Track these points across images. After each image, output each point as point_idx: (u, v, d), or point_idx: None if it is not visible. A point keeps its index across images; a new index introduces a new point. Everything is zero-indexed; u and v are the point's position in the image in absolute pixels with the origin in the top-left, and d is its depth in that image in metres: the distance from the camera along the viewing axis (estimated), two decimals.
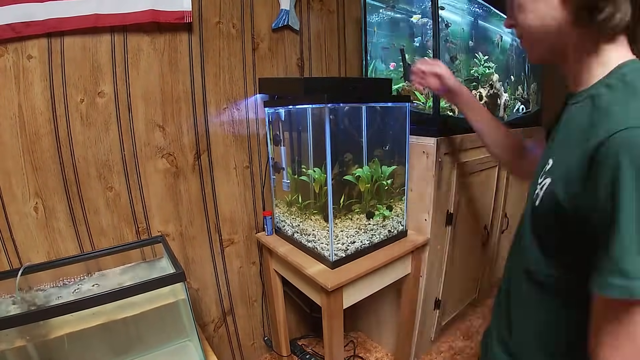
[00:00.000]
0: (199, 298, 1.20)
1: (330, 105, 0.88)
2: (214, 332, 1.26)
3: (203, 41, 1.05)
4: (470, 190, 1.29)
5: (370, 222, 1.06)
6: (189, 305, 0.80)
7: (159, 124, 1.01)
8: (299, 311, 1.46)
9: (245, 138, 1.19)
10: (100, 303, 0.67)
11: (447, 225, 1.21)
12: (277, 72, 1.22)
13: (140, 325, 0.83)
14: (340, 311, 0.95)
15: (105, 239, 0.98)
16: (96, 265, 0.91)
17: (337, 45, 1.39)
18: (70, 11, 0.83)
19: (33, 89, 0.83)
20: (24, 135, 0.83)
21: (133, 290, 0.70)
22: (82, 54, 0.88)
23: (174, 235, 1.10)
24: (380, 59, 1.32)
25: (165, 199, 1.06)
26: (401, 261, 1.10)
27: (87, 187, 0.93)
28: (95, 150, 0.93)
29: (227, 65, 1.11)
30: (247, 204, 1.24)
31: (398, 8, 1.23)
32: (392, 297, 1.30)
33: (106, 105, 0.93)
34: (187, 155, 1.08)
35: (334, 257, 0.95)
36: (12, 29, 0.78)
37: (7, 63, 0.79)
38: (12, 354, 0.68)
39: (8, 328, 0.63)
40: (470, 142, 1.20)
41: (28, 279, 0.81)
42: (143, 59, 0.96)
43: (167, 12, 0.93)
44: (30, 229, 0.87)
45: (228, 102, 1.13)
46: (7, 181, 0.83)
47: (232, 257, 1.24)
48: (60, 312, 0.65)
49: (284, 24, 1.17)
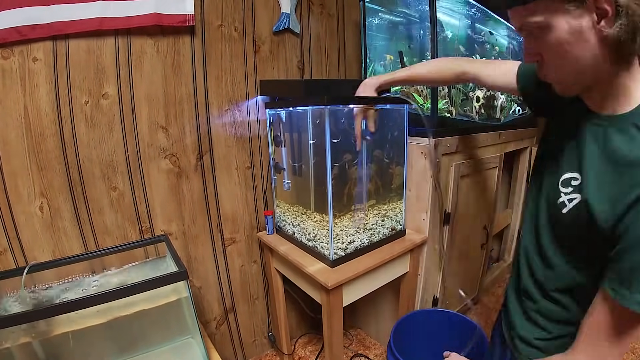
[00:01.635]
0: (202, 296, 1.21)
1: (330, 107, 0.89)
2: (216, 329, 1.27)
3: (205, 44, 1.06)
4: (469, 190, 1.31)
5: (370, 222, 1.08)
6: (192, 303, 0.81)
7: (162, 125, 1.03)
8: (300, 309, 1.48)
9: (246, 139, 1.20)
10: (104, 301, 0.68)
11: (445, 224, 1.23)
12: (278, 74, 1.24)
13: (143, 323, 0.84)
14: (340, 309, 0.97)
15: (109, 238, 0.99)
16: (100, 263, 0.92)
17: (337, 48, 1.41)
18: (75, 14, 0.84)
19: (38, 90, 0.84)
20: (30, 136, 0.85)
21: (136, 288, 0.71)
22: (86, 57, 0.89)
23: (177, 235, 1.12)
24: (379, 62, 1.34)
25: (168, 198, 1.08)
26: (400, 260, 1.12)
27: (91, 187, 0.94)
28: (100, 151, 0.94)
29: (229, 67, 1.12)
30: (249, 203, 1.25)
31: (396, 12, 1.25)
32: (390, 295, 1.32)
33: (110, 106, 0.94)
34: (189, 156, 1.09)
35: (333, 256, 0.97)
36: (18, 32, 0.80)
37: (13, 65, 0.81)
38: (18, 350, 0.69)
39: (14, 325, 0.64)
40: (469, 143, 1.22)
41: (34, 277, 0.82)
42: (146, 62, 0.97)
43: (170, 15, 0.95)
44: (36, 228, 0.88)
45: (230, 104, 1.14)
46: (13, 181, 0.84)
47: (233, 256, 1.26)
48: (65, 310, 0.66)
49: (285, 27, 1.19)
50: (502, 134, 1.39)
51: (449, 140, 1.14)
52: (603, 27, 0.42)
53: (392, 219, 1.13)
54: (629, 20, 0.41)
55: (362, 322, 1.57)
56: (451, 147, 1.15)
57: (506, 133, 1.41)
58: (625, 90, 0.47)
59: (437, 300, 1.33)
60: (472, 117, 1.31)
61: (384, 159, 1.10)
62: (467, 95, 1.28)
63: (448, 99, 1.22)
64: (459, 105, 1.27)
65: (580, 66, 0.47)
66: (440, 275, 1.31)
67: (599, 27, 0.42)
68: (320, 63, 1.36)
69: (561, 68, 0.49)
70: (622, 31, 0.41)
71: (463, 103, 1.29)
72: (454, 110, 1.24)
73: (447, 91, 1.21)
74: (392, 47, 1.30)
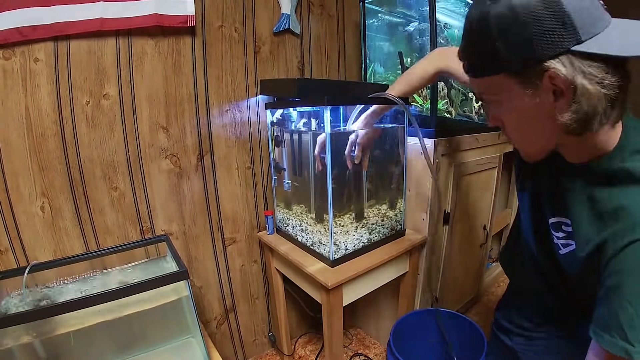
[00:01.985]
0: (202, 295, 1.22)
1: (330, 107, 0.90)
2: (216, 329, 1.28)
3: (206, 44, 1.07)
4: (468, 190, 1.32)
5: (369, 221, 1.08)
6: (192, 303, 0.81)
7: (163, 125, 1.03)
8: (300, 309, 1.48)
9: (247, 139, 1.21)
10: (105, 300, 0.68)
11: (445, 224, 1.24)
12: (278, 74, 1.24)
13: (144, 322, 0.84)
14: (340, 308, 0.97)
15: (110, 238, 0.99)
16: (101, 263, 0.92)
17: (337, 48, 1.41)
18: (76, 15, 0.85)
19: (40, 91, 0.85)
20: (31, 136, 0.85)
21: (137, 288, 0.71)
22: (87, 57, 0.89)
23: (178, 234, 1.12)
24: (379, 62, 1.35)
25: (168, 198, 1.08)
26: (399, 260, 1.13)
27: (92, 187, 0.95)
28: (101, 151, 0.95)
29: (230, 68, 1.13)
30: (249, 203, 1.26)
31: (396, 12, 1.26)
32: (390, 294, 1.32)
33: (111, 107, 0.94)
34: (190, 156, 1.10)
35: (333, 256, 0.97)
36: (19, 33, 0.80)
37: (15, 66, 0.81)
38: (19, 350, 0.70)
39: (15, 325, 0.64)
40: (468, 143, 1.22)
41: (35, 277, 0.82)
42: (147, 62, 0.98)
43: (171, 16, 0.95)
44: (37, 228, 0.89)
45: (230, 104, 1.15)
46: (15, 181, 0.85)
47: (234, 256, 1.26)
48: (66, 310, 0.66)
49: (285, 27, 1.20)
50: (501, 134, 1.39)
51: (449, 141, 1.14)
52: (558, 111, 0.41)
53: (392, 219, 1.14)
54: (581, 109, 0.40)
55: (362, 322, 1.57)
56: (451, 148, 1.15)
57: None
58: (597, 145, 0.47)
59: (437, 300, 1.33)
60: (471, 117, 1.32)
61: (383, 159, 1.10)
62: (467, 95, 1.29)
63: (447, 100, 1.23)
64: (458, 105, 1.27)
65: (539, 138, 0.46)
66: (440, 275, 1.31)
67: (555, 106, 0.42)
68: (320, 63, 1.36)
69: (521, 139, 0.49)
70: (572, 119, 0.41)
71: (462, 103, 1.29)
72: (454, 111, 1.25)
73: (446, 91, 1.22)
74: (392, 47, 1.30)
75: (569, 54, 0.39)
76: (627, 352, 0.42)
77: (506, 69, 0.42)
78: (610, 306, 0.44)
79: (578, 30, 0.38)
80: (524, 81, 0.42)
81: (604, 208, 0.47)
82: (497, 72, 0.44)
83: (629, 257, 0.43)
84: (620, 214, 0.44)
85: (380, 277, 1.08)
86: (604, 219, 0.46)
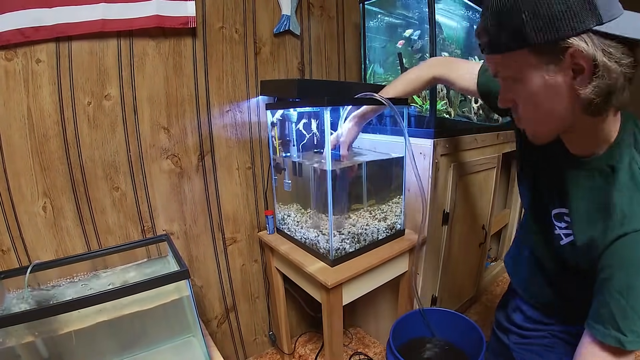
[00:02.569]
0: (203, 295, 1.22)
1: (330, 108, 0.90)
2: (217, 328, 1.28)
3: (207, 46, 1.07)
4: (467, 190, 1.32)
5: (369, 221, 1.09)
6: (193, 302, 0.82)
7: (164, 126, 1.04)
8: (300, 308, 1.49)
9: (247, 139, 1.21)
10: (107, 300, 0.69)
11: (444, 224, 1.24)
12: (278, 75, 1.25)
13: (145, 322, 0.85)
14: (340, 308, 0.98)
15: (111, 238, 1.00)
16: (103, 263, 0.93)
17: (337, 49, 1.42)
18: (78, 16, 0.85)
19: (42, 92, 0.85)
20: (33, 137, 0.86)
21: (138, 287, 0.71)
22: (89, 58, 0.90)
23: (179, 234, 1.12)
24: (379, 63, 1.35)
25: (169, 198, 1.08)
26: (399, 259, 1.13)
27: (94, 187, 0.95)
28: (102, 151, 0.95)
29: (230, 69, 1.13)
30: (250, 203, 1.26)
31: (396, 14, 1.26)
32: (390, 293, 1.33)
33: (113, 107, 0.95)
34: (191, 156, 1.10)
35: (333, 256, 0.98)
36: (21, 34, 0.80)
37: (17, 67, 0.82)
38: (21, 349, 0.70)
39: (17, 324, 0.65)
40: (467, 144, 1.23)
41: (37, 276, 0.82)
42: (148, 63, 0.98)
43: (172, 17, 0.96)
44: (39, 228, 0.89)
45: (231, 105, 1.15)
46: (17, 181, 0.85)
47: (234, 255, 1.27)
48: (68, 309, 0.66)
49: (285, 29, 1.20)
50: (500, 135, 1.40)
51: (448, 141, 1.15)
52: (578, 86, 0.42)
53: (392, 219, 1.14)
54: (604, 82, 0.41)
55: (361, 321, 1.58)
56: (450, 148, 1.16)
57: (504, 134, 1.43)
58: (601, 134, 0.49)
59: (436, 299, 1.34)
60: (470, 117, 1.32)
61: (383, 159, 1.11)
62: (466, 96, 1.29)
63: (447, 100, 1.24)
64: (457, 106, 1.28)
65: (554, 118, 0.47)
66: (440, 275, 1.32)
67: (574, 83, 0.42)
68: (320, 64, 1.37)
69: (534, 118, 0.49)
70: (595, 93, 0.41)
71: (462, 104, 1.30)
72: (453, 111, 1.26)
73: (445, 92, 1.23)
74: (392, 48, 1.31)
75: (589, 33, 0.40)
76: (620, 341, 0.44)
77: (529, 44, 0.42)
78: (603, 298, 0.46)
79: (599, 11, 0.39)
80: (545, 57, 0.42)
81: (600, 202, 0.49)
82: (520, 48, 0.43)
83: (619, 250, 0.46)
84: (611, 209, 0.47)
85: (379, 277, 1.08)
86: (599, 212, 0.49)
